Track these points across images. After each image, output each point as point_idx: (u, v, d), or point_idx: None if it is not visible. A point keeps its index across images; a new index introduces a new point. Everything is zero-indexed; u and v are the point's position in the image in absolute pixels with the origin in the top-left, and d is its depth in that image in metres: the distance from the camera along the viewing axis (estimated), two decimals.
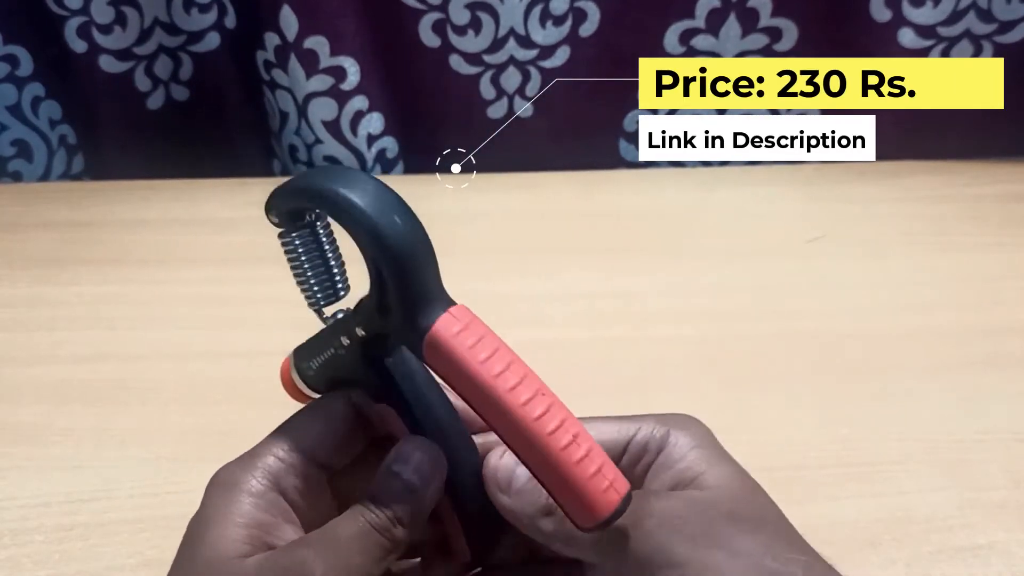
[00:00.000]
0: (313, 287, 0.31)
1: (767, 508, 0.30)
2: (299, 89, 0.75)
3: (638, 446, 0.31)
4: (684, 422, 0.32)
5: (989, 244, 0.67)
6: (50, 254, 0.67)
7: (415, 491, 0.30)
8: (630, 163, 0.83)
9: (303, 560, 0.27)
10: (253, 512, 0.29)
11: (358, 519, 0.29)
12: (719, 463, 0.30)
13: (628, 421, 0.32)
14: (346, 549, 0.28)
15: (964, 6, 0.72)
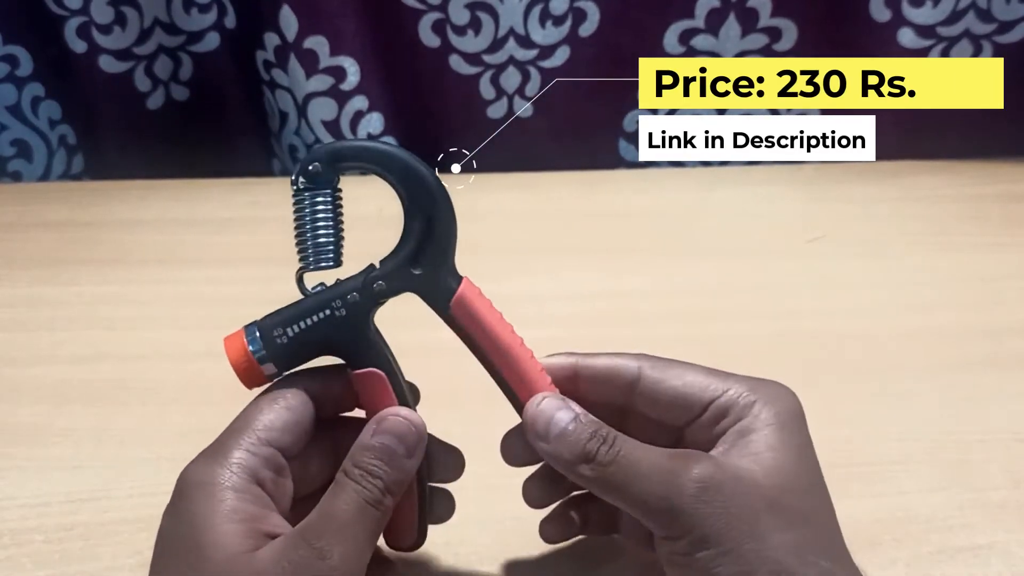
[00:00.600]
0: (309, 247, 0.33)
1: (815, 505, 0.30)
2: (299, 89, 0.75)
3: (720, 408, 0.32)
4: (774, 394, 0.32)
5: (989, 244, 0.67)
6: (50, 254, 0.67)
7: (402, 459, 0.31)
8: (630, 163, 0.83)
9: (319, 550, 0.28)
10: (242, 507, 0.29)
11: (352, 496, 0.29)
12: (788, 447, 0.30)
13: (719, 378, 0.33)
14: (351, 528, 0.29)
15: (964, 6, 0.72)
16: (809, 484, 0.30)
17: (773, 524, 0.28)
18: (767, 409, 0.31)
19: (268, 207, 0.74)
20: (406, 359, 0.37)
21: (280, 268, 0.71)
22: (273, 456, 0.31)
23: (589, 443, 0.30)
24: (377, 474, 0.30)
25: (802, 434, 0.31)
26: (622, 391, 0.33)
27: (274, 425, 0.32)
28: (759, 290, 0.62)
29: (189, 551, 0.28)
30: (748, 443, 0.30)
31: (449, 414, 0.38)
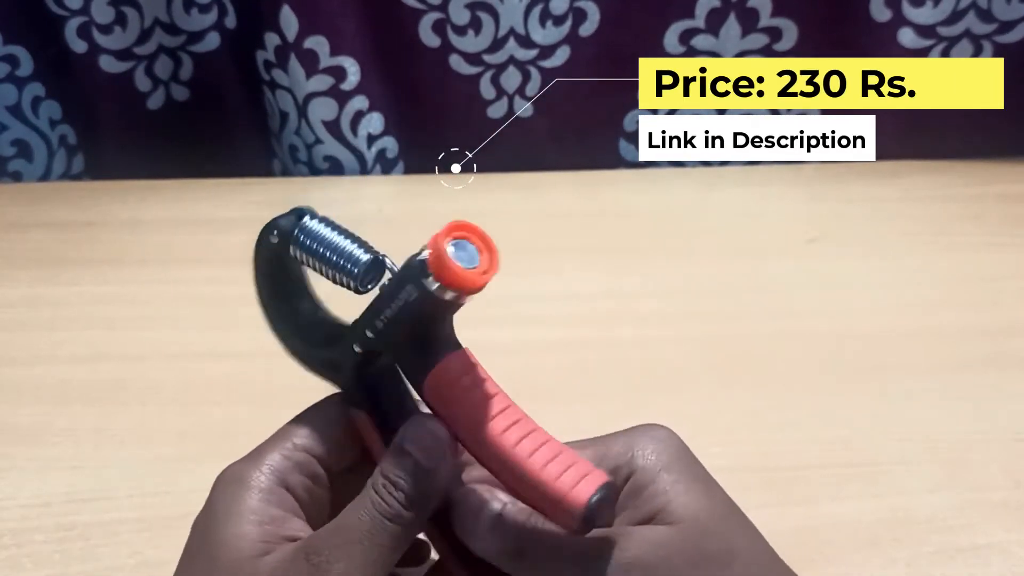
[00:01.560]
0: (346, 267, 0.30)
1: (737, 538, 0.29)
2: (299, 89, 0.75)
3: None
4: (650, 438, 0.31)
5: (989, 244, 0.67)
6: (50, 254, 0.67)
7: (424, 470, 0.29)
8: (630, 163, 0.83)
9: (316, 563, 0.27)
10: (263, 507, 0.29)
11: (367, 507, 0.28)
12: (686, 486, 0.29)
13: (593, 447, 0.31)
14: (360, 544, 0.28)
15: (964, 6, 0.72)
16: (721, 516, 0.29)
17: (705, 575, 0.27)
18: (650, 456, 0.30)
19: (268, 207, 0.74)
20: None
21: None
22: (307, 462, 0.31)
23: (520, 537, 0.29)
24: (400, 486, 0.29)
25: (693, 467, 0.30)
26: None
27: (311, 433, 0.31)
28: (759, 290, 0.62)
29: (203, 548, 0.28)
30: (647, 499, 0.29)
31: None
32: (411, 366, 0.29)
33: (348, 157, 0.79)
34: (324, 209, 0.32)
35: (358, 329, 0.29)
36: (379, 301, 0.29)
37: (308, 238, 0.30)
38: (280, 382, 0.35)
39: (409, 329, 0.28)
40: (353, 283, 0.29)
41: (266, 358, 0.56)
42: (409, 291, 0.28)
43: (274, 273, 0.32)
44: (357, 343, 0.30)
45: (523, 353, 0.48)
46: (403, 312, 0.28)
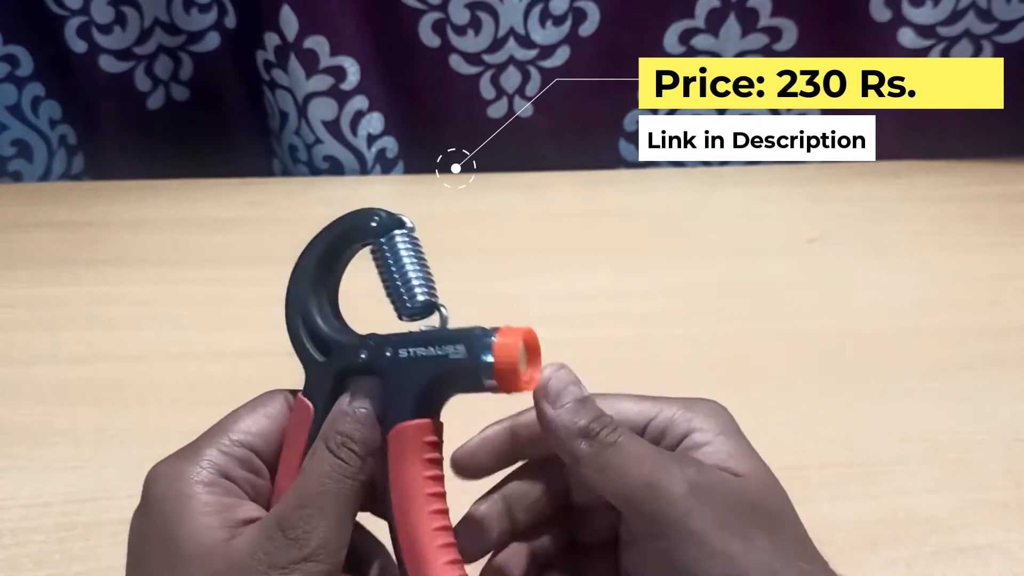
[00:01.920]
0: (403, 294, 0.31)
1: (785, 507, 0.30)
2: (299, 89, 0.75)
3: (656, 428, 0.31)
4: (709, 408, 0.32)
5: (989, 244, 0.67)
6: (50, 254, 0.67)
7: (372, 420, 0.30)
8: (630, 163, 0.83)
9: (293, 537, 0.28)
10: (213, 499, 0.29)
11: (327, 472, 0.29)
12: (744, 453, 0.30)
13: (651, 402, 0.32)
14: (327, 509, 0.28)
15: (964, 6, 0.72)
16: (774, 485, 0.30)
17: (758, 525, 0.28)
18: (709, 421, 0.31)
19: (268, 207, 0.74)
20: None
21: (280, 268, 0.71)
22: (247, 457, 0.31)
23: (593, 422, 0.30)
24: (357, 438, 0.29)
25: (745, 439, 0.31)
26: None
27: (250, 429, 0.32)
28: (759, 290, 0.62)
29: (164, 547, 0.28)
30: (705, 454, 0.30)
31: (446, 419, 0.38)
32: (396, 404, 0.30)
33: (348, 157, 0.79)
34: (325, 209, 0.33)
35: (376, 343, 0.30)
36: (419, 337, 0.30)
37: (390, 250, 0.31)
38: (280, 382, 0.35)
39: (428, 379, 0.29)
40: (400, 311, 0.31)
41: (266, 358, 0.56)
42: (460, 353, 0.29)
43: (337, 247, 0.32)
44: (367, 352, 0.30)
45: None
46: (437, 363, 0.29)
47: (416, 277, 0.31)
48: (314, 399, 0.31)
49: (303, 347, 0.32)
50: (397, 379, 0.30)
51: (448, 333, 0.30)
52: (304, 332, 0.32)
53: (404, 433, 0.29)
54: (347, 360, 0.31)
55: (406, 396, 0.30)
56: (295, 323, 0.32)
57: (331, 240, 0.32)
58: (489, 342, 0.29)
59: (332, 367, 0.31)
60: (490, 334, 0.29)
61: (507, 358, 0.28)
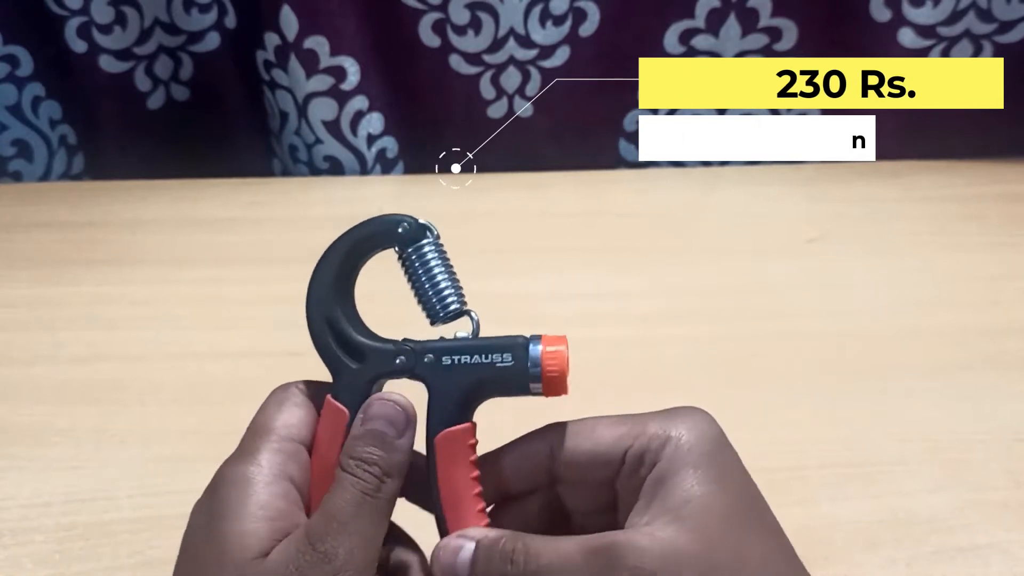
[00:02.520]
0: (433, 301, 0.32)
1: (752, 545, 0.29)
2: (299, 89, 0.75)
3: (635, 457, 0.31)
4: (687, 424, 0.31)
5: (989, 244, 0.67)
6: (50, 254, 0.67)
7: (393, 441, 0.30)
8: (630, 163, 0.83)
9: (322, 551, 0.28)
10: (271, 501, 0.29)
11: (350, 491, 0.29)
12: (707, 487, 0.29)
13: (630, 424, 0.31)
14: (352, 524, 0.29)
15: (964, 6, 0.72)
16: (740, 520, 0.29)
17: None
18: (681, 447, 0.30)
19: (268, 207, 0.74)
20: None
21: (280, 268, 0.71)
22: (298, 451, 0.31)
23: (503, 568, 0.29)
24: (373, 460, 0.30)
25: (721, 462, 0.30)
26: (544, 471, 0.33)
27: (291, 422, 0.32)
28: (759, 290, 0.62)
29: (213, 547, 0.29)
30: (667, 493, 0.29)
31: None
32: (441, 411, 0.31)
33: (348, 157, 0.79)
34: (324, 209, 0.33)
35: (414, 350, 0.31)
36: (462, 345, 0.31)
37: (419, 258, 0.32)
38: (280, 382, 0.35)
39: (472, 386, 0.31)
40: (432, 318, 0.32)
41: (265, 358, 0.57)
42: (507, 361, 0.31)
43: (360, 251, 0.33)
44: (405, 358, 0.31)
45: None
46: (484, 370, 0.31)
47: (446, 284, 0.32)
48: (348, 404, 0.31)
49: (332, 352, 0.32)
50: (441, 386, 0.31)
51: (492, 342, 0.31)
52: (331, 337, 0.32)
53: (452, 438, 0.31)
54: (383, 366, 0.32)
55: (451, 402, 0.31)
56: (321, 328, 0.32)
57: (354, 244, 0.32)
58: (537, 351, 0.31)
59: (367, 373, 0.32)
60: (536, 342, 0.31)
61: (557, 366, 0.31)
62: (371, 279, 0.33)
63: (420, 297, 0.32)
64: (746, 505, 0.30)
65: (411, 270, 0.32)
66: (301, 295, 0.32)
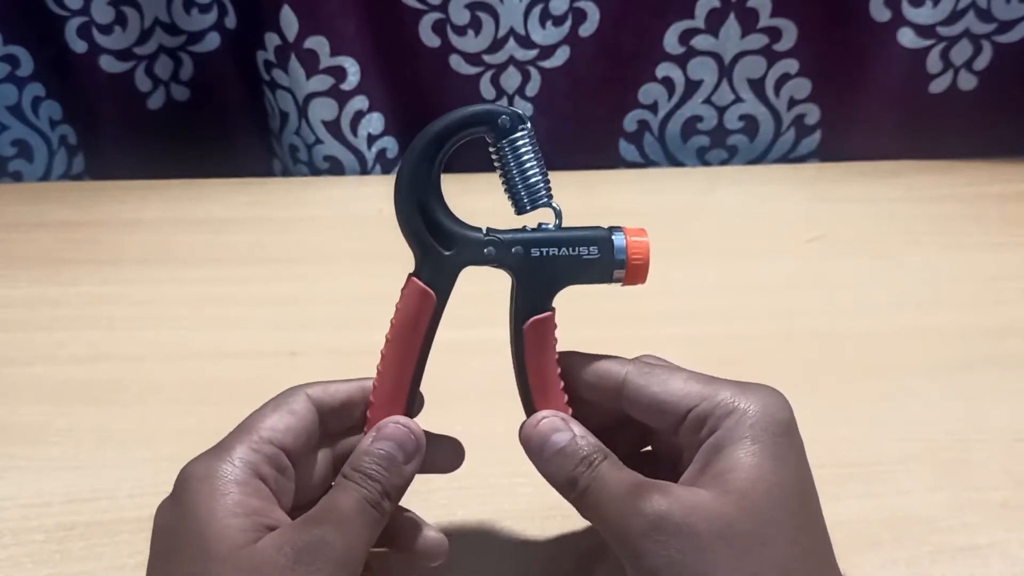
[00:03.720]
0: (521, 191, 0.34)
1: (780, 526, 0.29)
2: (299, 89, 0.75)
3: (697, 418, 0.31)
4: (758, 402, 0.31)
5: (990, 244, 0.67)
6: (50, 254, 0.67)
7: (400, 466, 0.31)
8: (630, 163, 0.83)
9: (320, 537, 0.28)
10: (244, 500, 0.29)
11: (353, 494, 0.30)
12: (758, 461, 0.29)
13: (702, 384, 0.32)
14: (351, 523, 0.29)
15: (964, 6, 0.72)
16: (779, 500, 0.29)
17: (723, 556, 0.27)
18: (744, 420, 0.30)
19: (268, 207, 0.74)
20: None
21: (280, 268, 0.72)
22: (276, 455, 0.32)
23: (575, 469, 0.31)
24: (376, 478, 0.31)
25: (781, 446, 0.30)
26: (610, 395, 0.34)
27: (277, 427, 0.32)
28: (759, 290, 0.62)
29: (191, 544, 0.29)
30: (719, 460, 0.30)
31: (449, 413, 0.38)
32: (528, 300, 0.33)
33: (348, 157, 0.79)
34: (325, 209, 0.33)
35: (502, 241, 0.33)
36: (549, 237, 0.33)
37: (512, 149, 0.33)
38: (280, 381, 0.35)
39: (559, 276, 0.33)
40: (518, 207, 0.34)
41: (266, 358, 0.57)
42: (593, 253, 0.34)
43: (453, 135, 0.33)
44: (494, 249, 0.33)
45: None
46: (570, 262, 0.33)
47: (536, 176, 0.34)
48: (435, 288, 0.32)
49: (422, 234, 0.33)
50: (528, 276, 0.33)
51: (578, 233, 0.34)
52: (421, 220, 0.33)
53: (539, 324, 0.33)
54: (472, 254, 0.33)
55: (538, 291, 0.34)
56: (411, 209, 0.33)
57: (448, 128, 0.33)
58: (622, 241, 0.34)
59: (456, 260, 0.33)
60: (618, 233, 0.34)
61: (641, 255, 0.35)
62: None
63: (509, 187, 0.34)
64: (793, 490, 0.30)
65: (503, 160, 0.33)
66: (301, 295, 0.33)
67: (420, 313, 0.32)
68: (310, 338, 0.56)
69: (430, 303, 0.32)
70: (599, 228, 0.34)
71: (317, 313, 0.58)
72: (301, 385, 0.34)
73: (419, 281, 0.33)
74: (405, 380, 0.33)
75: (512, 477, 0.44)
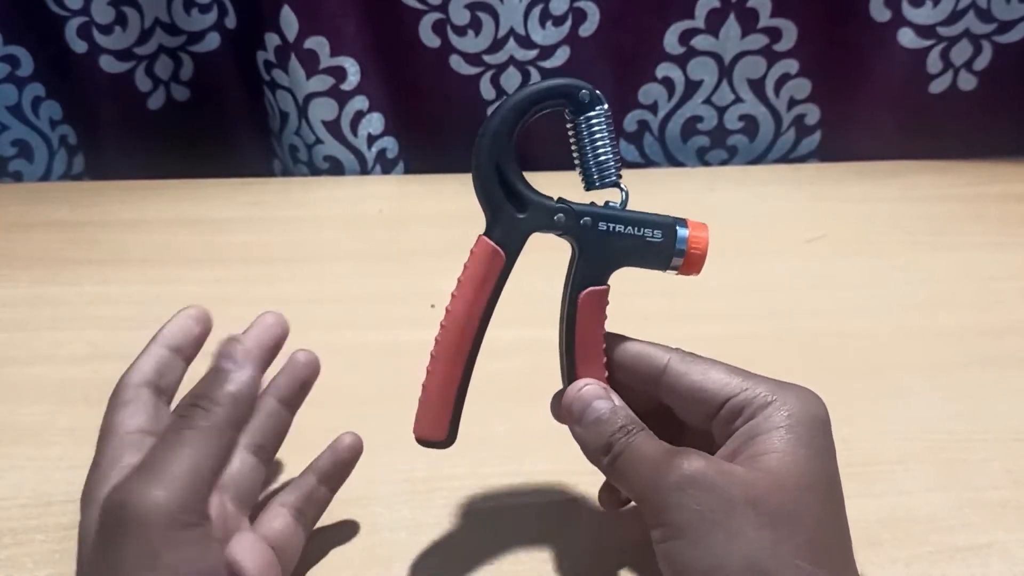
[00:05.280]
0: (592, 167, 0.35)
1: (811, 508, 0.29)
2: (299, 89, 0.75)
3: (734, 407, 0.32)
4: (795, 398, 0.32)
5: (989, 244, 0.67)
6: (51, 254, 0.67)
7: (225, 370, 0.33)
8: (630, 163, 0.83)
9: (139, 494, 0.30)
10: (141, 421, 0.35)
11: (172, 424, 0.32)
12: (793, 451, 0.30)
13: (742, 377, 0.33)
14: (172, 464, 0.30)
15: (963, 6, 0.72)
16: (808, 485, 0.30)
17: (751, 520, 0.28)
18: (781, 412, 0.31)
19: (269, 207, 0.74)
20: (407, 357, 0.37)
21: (281, 268, 0.72)
22: (170, 359, 0.40)
23: (613, 436, 0.31)
24: (197, 392, 0.33)
25: (816, 440, 0.31)
26: (649, 380, 0.34)
27: (176, 336, 0.41)
28: (759, 290, 0.62)
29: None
30: (754, 444, 0.31)
31: None
32: (587, 271, 0.35)
33: (348, 157, 0.79)
34: (325, 209, 0.33)
35: (573, 211, 0.34)
36: (618, 215, 0.34)
37: (587, 126, 0.35)
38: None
39: (621, 253, 0.34)
40: (588, 183, 0.35)
41: None
42: (656, 237, 0.35)
43: (533, 105, 0.35)
44: (564, 217, 0.34)
45: (525, 353, 0.48)
46: (634, 241, 0.34)
47: (608, 155, 0.34)
48: (505, 247, 0.34)
49: (498, 195, 0.34)
50: (592, 248, 0.34)
51: (646, 216, 0.34)
52: (498, 182, 0.34)
53: (594, 296, 0.35)
54: (543, 219, 0.34)
55: (598, 264, 0.34)
56: (489, 170, 0.34)
57: (530, 97, 0.34)
58: (685, 232, 0.35)
59: (528, 223, 0.34)
60: (682, 224, 0.35)
61: (700, 247, 0.36)
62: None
63: (581, 162, 0.35)
64: (821, 480, 0.31)
65: (579, 135, 0.35)
66: (302, 295, 0.33)
67: (489, 271, 0.33)
68: (310, 338, 0.56)
69: (499, 262, 0.33)
70: (666, 216, 0.35)
71: (318, 312, 0.58)
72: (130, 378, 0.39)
73: (490, 240, 0.33)
74: (469, 335, 0.34)
75: (512, 477, 0.44)
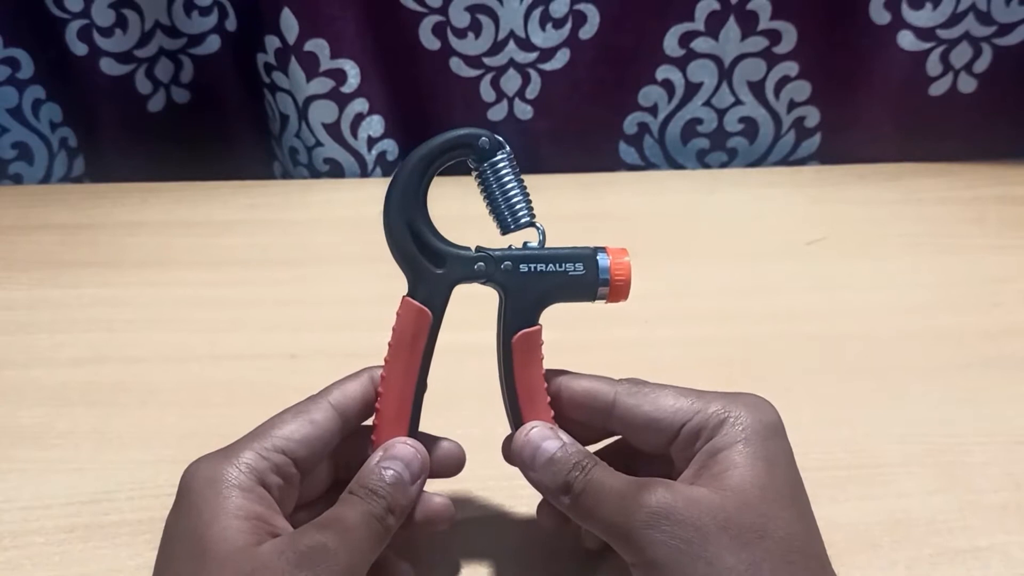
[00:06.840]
0: (504, 212, 0.35)
1: (778, 521, 0.29)
2: (299, 92, 0.75)
3: (692, 431, 0.32)
4: (748, 409, 0.32)
5: (989, 246, 0.67)
6: (50, 256, 0.67)
7: (406, 486, 0.32)
8: (630, 165, 0.83)
9: (323, 544, 0.28)
10: (247, 505, 0.29)
11: (359, 507, 0.30)
12: (754, 463, 0.30)
13: (692, 399, 0.33)
14: (355, 533, 0.29)
15: (963, 8, 0.72)
16: (774, 497, 0.30)
17: (725, 545, 0.28)
18: (736, 427, 0.31)
19: (269, 210, 0.74)
20: None
21: (280, 270, 0.72)
22: (284, 464, 0.31)
23: (569, 474, 0.31)
24: (382, 495, 0.31)
25: (773, 446, 0.32)
26: (599, 416, 0.34)
27: (292, 436, 0.32)
28: (759, 292, 0.62)
29: (193, 545, 0.29)
30: (716, 463, 0.31)
31: (449, 415, 0.38)
32: (516, 314, 0.35)
33: (348, 159, 0.79)
34: (325, 211, 0.33)
35: (492, 257, 0.34)
36: (537, 255, 0.35)
37: (493, 172, 0.35)
38: (279, 384, 0.35)
39: (546, 291, 0.35)
40: (503, 227, 0.35)
41: (265, 360, 0.57)
42: (579, 270, 0.35)
43: (437, 159, 0.35)
44: (484, 264, 0.34)
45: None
46: (557, 278, 0.35)
47: (518, 197, 0.35)
48: (430, 306, 0.33)
49: (412, 255, 0.34)
50: (517, 291, 0.34)
51: (564, 252, 0.35)
52: (412, 240, 0.34)
53: (528, 339, 0.35)
54: (463, 271, 0.34)
55: (526, 306, 0.35)
56: (401, 231, 0.34)
57: (433, 152, 0.34)
58: (606, 261, 0.35)
59: (448, 277, 0.34)
60: (602, 253, 0.35)
61: (624, 275, 0.35)
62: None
63: (493, 208, 0.35)
64: (785, 487, 0.31)
65: (486, 182, 0.35)
66: (302, 298, 0.33)
67: (417, 331, 0.33)
68: (310, 340, 0.56)
69: (426, 321, 0.33)
70: (584, 248, 0.35)
71: (317, 315, 0.58)
72: (323, 392, 0.34)
73: (414, 300, 0.33)
74: (408, 397, 0.34)
75: (512, 479, 0.44)
